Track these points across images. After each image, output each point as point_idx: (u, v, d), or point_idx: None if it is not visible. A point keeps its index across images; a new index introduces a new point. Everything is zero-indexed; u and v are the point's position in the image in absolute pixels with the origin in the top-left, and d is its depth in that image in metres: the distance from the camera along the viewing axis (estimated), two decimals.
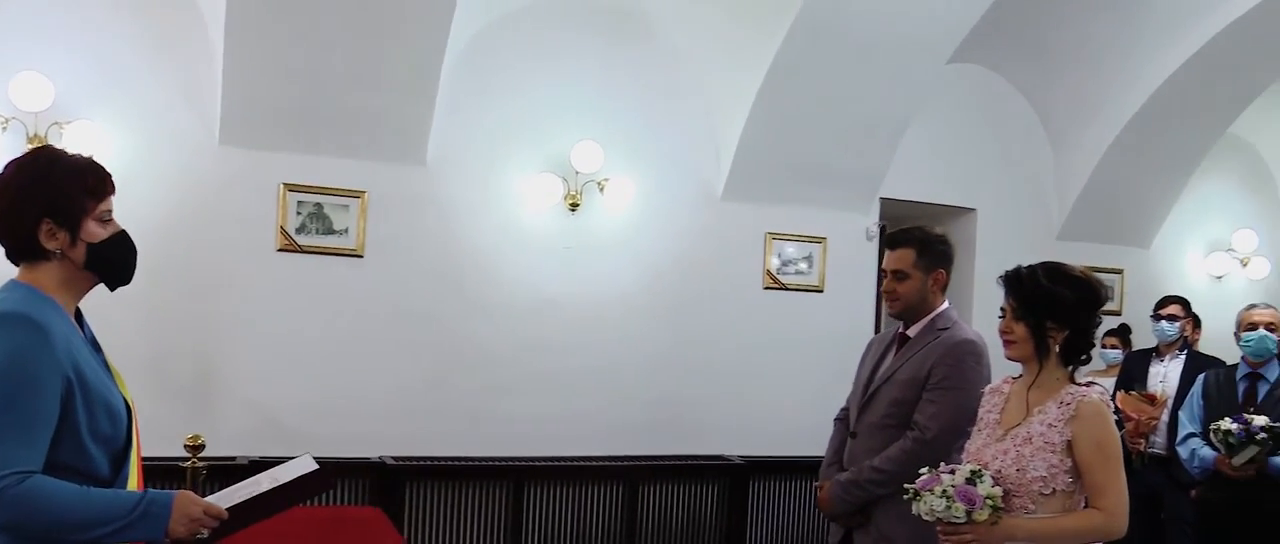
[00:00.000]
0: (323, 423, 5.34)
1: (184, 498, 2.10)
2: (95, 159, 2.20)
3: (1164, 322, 5.72)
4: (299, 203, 5.36)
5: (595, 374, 6.03)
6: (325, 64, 5.04)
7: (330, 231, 5.43)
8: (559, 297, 5.95)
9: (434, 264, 5.67)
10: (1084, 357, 2.80)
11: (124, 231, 2.22)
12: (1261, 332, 4.61)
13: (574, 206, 5.91)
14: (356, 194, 5.46)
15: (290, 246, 5.36)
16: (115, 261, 2.18)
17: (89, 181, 2.14)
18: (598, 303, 6.05)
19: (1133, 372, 5.83)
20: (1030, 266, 2.81)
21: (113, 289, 2.23)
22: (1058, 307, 2.74)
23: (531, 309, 5.89)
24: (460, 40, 5.48)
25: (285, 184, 5.33)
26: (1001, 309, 2.83)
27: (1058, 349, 2.76)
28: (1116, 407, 5.46)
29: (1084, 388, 2.74)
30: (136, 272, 2.25)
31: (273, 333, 5.34)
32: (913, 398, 3.41)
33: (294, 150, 5.31)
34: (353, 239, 5.47)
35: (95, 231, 2.14)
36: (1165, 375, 5.66)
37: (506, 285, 5.84)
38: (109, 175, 2.20)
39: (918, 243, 3.50)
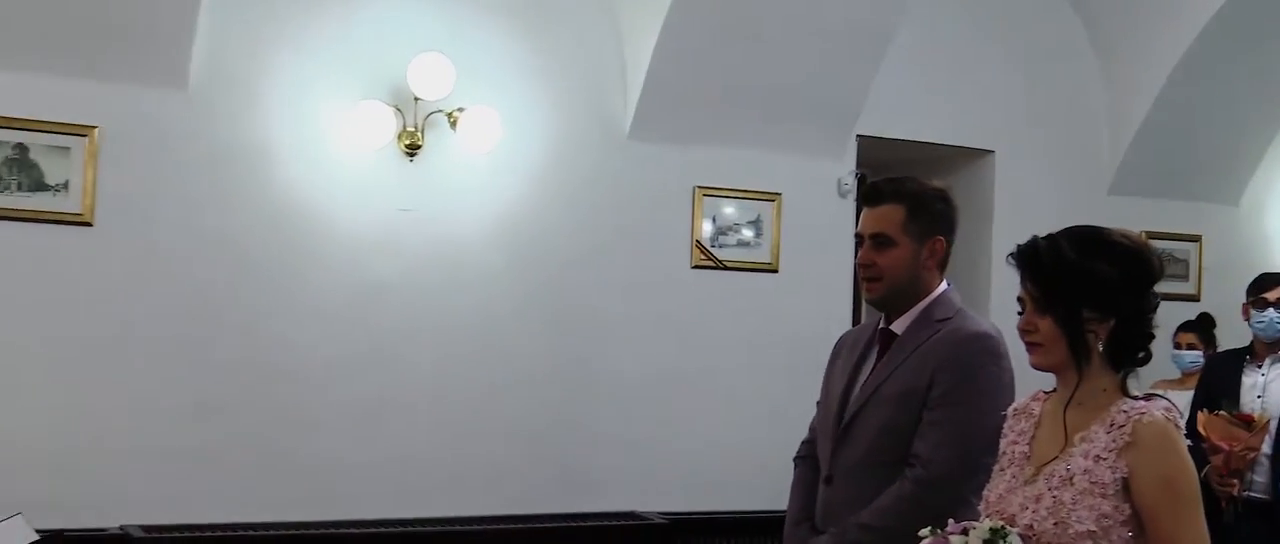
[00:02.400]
0: (37, 477, 5.17)
1: None
2: None
3: (1272, 310, 5.66)
4: None
5: (448, 398, 5.91)
6: None
7: (41, 187, 5.31)
8: (391, 283, 5.79)
9: (202, 236, 5.55)
10: (1141, 355, 2.78)
11: None
12: None
13: (413, 150, 5.76)
14: (82, 131, 5.34)
15: None
16: None
17: None
18: (450, 292, 5.91)
19: (1219, 381, 5.76)
20: (1052, 236, 2.80)
21: None
22: (1096, 289, 2.73)
23: (352, 302, 5.75)
24: None
25: None
26: (1019, 299, 2.81)
27: (1102, 349, 2.75)
28: (1198, 431, 5.49)
29: (1143, 403, 2.71)
30: None
31: None
32: (908, 422, 3.39)
33: None
34: (76, 198, 5.36)
35: None
36: (1265, 386, 5.62)
37: (314, 267, 5.72)
38: None
39: (909, 198, 3.49)
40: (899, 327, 3.51)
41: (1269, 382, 5.64)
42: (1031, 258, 2.79)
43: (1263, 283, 5.80)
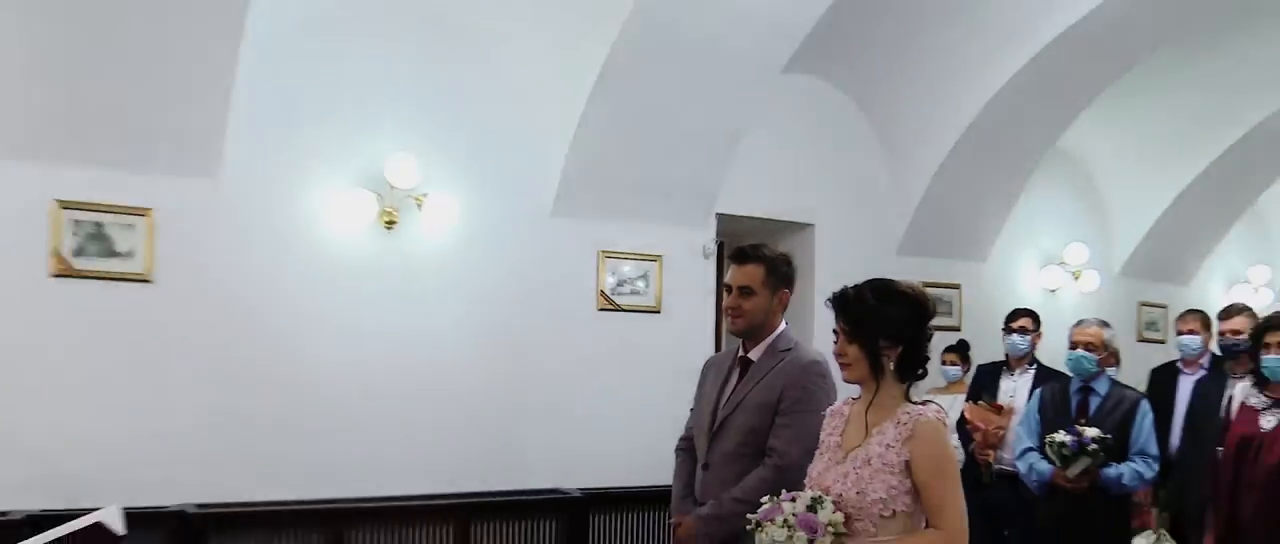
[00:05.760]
0: (112, 469, 5.20)
1: None
2: None
3: (1016, 335, 5.98)
4: (76, 222, 5.21)
5: (419, 406, 6.02)
6: (101, 65, 4.91)
7: (113, 254, 5.29)
8: (377, 323, 5.92)
9: (235, 288, 5.59)
10: (920, 372, 2.92)
11: None
12: (1079, 351, 4.98)
13: (390, 224, 5.89)
14: (142, 212, 5.34)
15: (66, 271, 5.19)
16: None
17: None
18: (420, 328, 6.03)
19: (983, 385, 6.06)
20: (858, 286, 2.93)
21: None
22: (888, 324, 2.85)
23: (347, 337, 5.86)
24: (259, 41, 5.39)
25: (58, 201, 5.16)
26: (834, 331, 2.94)
27: (892, 367, 2.88)
28: (964, 417, 5.84)
29: (920, 407, 2.86)
30: None
31: (49, 368, 5.18)
32: (765, 424, 3.52)
33: (68, 163, 5.15)
34: (139, 262, 5.34)
35: None
36: (1015, 390, 5.90)
37: (318, 311, 5.79)
38: None
39: (767, 261, 3.66)
40: (754, 355, 3.66)
41: (1017, 387, 5.91)
42: (843, 302, 2.92)
43: (1012, 316, 6.13)
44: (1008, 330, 6.04)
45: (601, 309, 6.57)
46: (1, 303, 5.08)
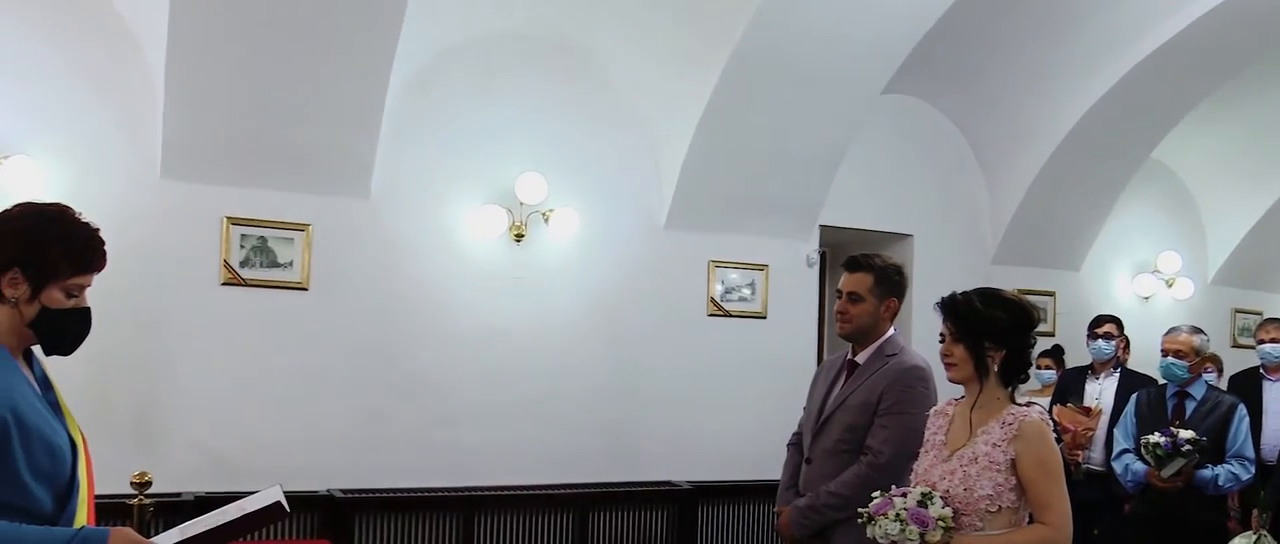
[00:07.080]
0: (269, 457, 5.36)
1: (120, 536, 2.11)
2: (100, 236, 2.27)
3: (1100, 340, 5.87)
4: (242, 236, 5.42)
5: (543, 403, 6.12)
6: (268, 97, 5.12)
7: (275, 265, 5.48)
8: (505, 327, 6.04)
9: (380, 296, 5.74)
10: (1022, 376, 2.90)
11: (87, 310, 2.27)
12: (1170, 359, 4.87)
13: (519, 237, 6.01)
14: (301, 227, 5.53)
15: (234, 280, 5.41)
16: (62, 333, 2.24)
17: (76, 250, 2.21)
18: (544, 332, 6.15)
19: (1068, 388, 5.97)
20: (966, 292, 2.91)
21: (47, 354, 2.29)
22: (994, 329, 2.83)
23: (478, 340, 5.97)
24: (404, 73, 5.55)
25: (228, 217, 5.37)
26: (941, 334, 2.93)
27: (997, 370, 2.85)
28: (1053, 419, 5.60)
29: (1025, 408, 2.84)
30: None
31: (217, 367, 5.38)
32: (865, 423, 3.50)
33: (237, 183, 5.36)
34: (298, 272, 5.53)
35: (56, 298, 2.20)
36: (1100, 393, 5.81)
37: (453, 316, 5.91)
38: (101, 256, 2.27)
39: (877, 270, 3.62)
40: (861, 358, 3.65)
41: (1103, 389, 5.82)
42: (952, 305, 2.91)
43: (1096, 322, 6.01)
44: (1092, 336, 5.92)
45: (711, 314, 6.64)
46: (178, 308, 5.31)
